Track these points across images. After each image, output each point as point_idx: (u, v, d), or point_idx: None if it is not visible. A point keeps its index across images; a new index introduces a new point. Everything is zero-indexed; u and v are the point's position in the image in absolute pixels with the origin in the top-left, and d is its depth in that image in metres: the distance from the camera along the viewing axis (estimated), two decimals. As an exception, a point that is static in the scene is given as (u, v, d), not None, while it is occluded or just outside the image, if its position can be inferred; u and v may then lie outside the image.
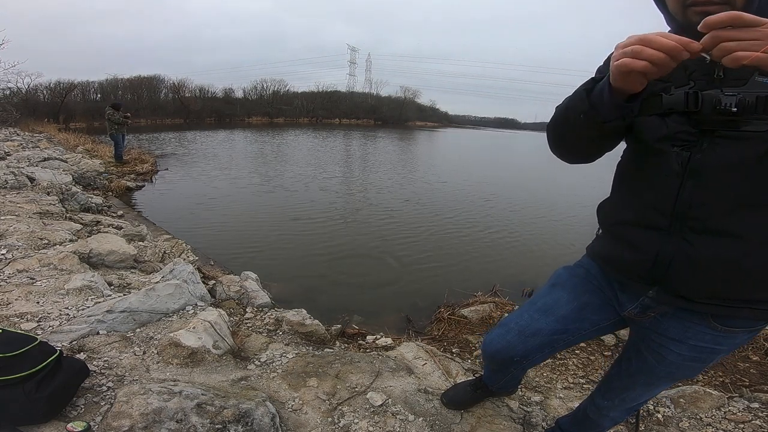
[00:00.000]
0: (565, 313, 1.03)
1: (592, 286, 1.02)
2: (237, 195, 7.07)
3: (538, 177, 12.44)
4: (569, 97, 0.81)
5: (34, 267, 2.32)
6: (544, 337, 1.05)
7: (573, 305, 1.03)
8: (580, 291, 1.03)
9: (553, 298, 1.07)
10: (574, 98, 0.79)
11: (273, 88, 45.79)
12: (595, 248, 1.02)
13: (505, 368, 1.22)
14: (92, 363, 1.56)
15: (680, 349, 0.90)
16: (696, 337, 0.87)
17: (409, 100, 59.39)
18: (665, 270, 0.80)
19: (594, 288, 1.02)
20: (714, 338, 0.86)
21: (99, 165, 7.85)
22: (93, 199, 4.99)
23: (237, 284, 2.68)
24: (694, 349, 0.89)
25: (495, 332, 1.17)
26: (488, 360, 1.23)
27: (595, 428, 1.30)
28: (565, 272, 1.11)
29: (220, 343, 1.82)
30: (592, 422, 1.27)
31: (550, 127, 0.89)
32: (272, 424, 1.38)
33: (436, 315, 2.92)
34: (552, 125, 0.88)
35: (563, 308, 1.04)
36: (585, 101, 0.75)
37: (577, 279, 1.05)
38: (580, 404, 1.39)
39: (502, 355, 1.13)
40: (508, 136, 52.97)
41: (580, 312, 1.02)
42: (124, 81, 34.97)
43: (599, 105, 0.73)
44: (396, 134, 31.25)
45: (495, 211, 6.81)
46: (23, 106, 19.59)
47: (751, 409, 1.82)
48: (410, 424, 1.52)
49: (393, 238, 5.02)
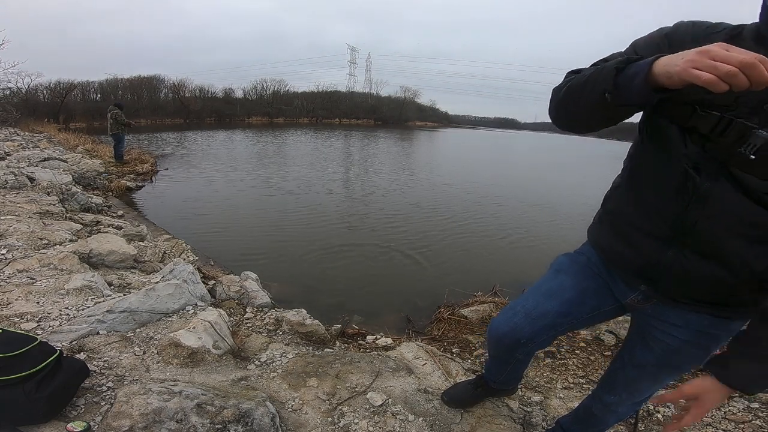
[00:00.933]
0: (568, 296, 1.06)
1: (592, 272, 1.05)
2: (237, 195, 7.07)
3: (538, 177, 12.44)
4: (594, 70, 0.75)
5: (34, 267, 2.32)
6: (549, 319, 1.07)
7: (576, 290, 1.06)
8: (582, 277, 1.07)
9: (558, 282, 1.10)
10: (601, 73, 0.72)
11: (273, 88, 45.78)
12: (595, 236, 1.04)
13: (510, 354, 1.22)
14: (92, 363, 1.56)
15: (683, 334, 0.91)
16: (696, 321, 0.89)
17: (409, 100, 59.38)
18: (660, 274, 0.85)
19: (594, 275, 1.05)
20: (712, 323, 0.88)
21: (99, 165, 7.85)
22: (93, 199, 4.99)
23: (237, 284, 2.68)
24: (696, 334, 0.90)
25: (501, 316, 1.19)
26: (494, 344, 1.23)
27: (599, 426, 1.29)
28: (566, 259, 1.14)
29: (220, 343, 1.82)
30: (596, 420, 1.26)
31: (561, 93, 0.83)
32: (272, 424, 1.38)
33: (436, 315, 2.92)
34: (564, 92, 0.82)
35: (567, 292, 1.07)
36: (610, 80, 0.70)
37: (578, 266, 1.09)
38: (581, 402, 1.38)
39: (510, 337, 1.14)
40: (508, 136, 52.99)
41: (582, 296, 1.05)
42: (124, 81, 34.96)
43: (624, 87, 0.69)
44: (396, 134, 31.23)
45: (494, 211, 6.81)
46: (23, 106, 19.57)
47: (751, 409, 1.82)
48: (410, 424, 1.52)
49: (393, 238, 5.02)
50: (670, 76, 0.61)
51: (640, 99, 0.68)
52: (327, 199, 6.97)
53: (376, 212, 6.28)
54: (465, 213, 6.53)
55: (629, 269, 0.92)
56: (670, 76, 0.61)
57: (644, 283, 0.90)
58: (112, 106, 8.83)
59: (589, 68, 0.80)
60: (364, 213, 6.22)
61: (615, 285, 1.01)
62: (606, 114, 0.76)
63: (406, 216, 6.12)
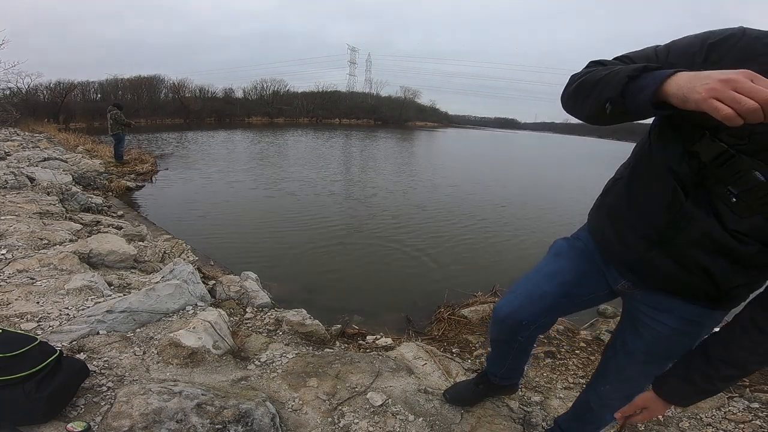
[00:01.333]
0: (567, 278, 1.11)
1: (589, 258, 1.10)
2: (237, 195, 7.07)
3: (537, 177, 12.44)
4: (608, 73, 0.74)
5: (34, 267, 2.32)
6: (549, 300, 1.12)
7: (573, 273, 1.11)
8: (578, 261, 1.12)
9: (557, 265, 1.14)
10: (615, 77, 0.71)
11: (273, 88, 45.73)
12: (594, 223, 1.09)
13: (512, 336, 1.23)
14: (92, 363, 1.56)
15: (671, 321, 0.96)
16: (682, 308, 0.94)
17: (409, 100, 59.35)
18: (642, 269, 0.93)
19: (590, 260, 1.10)
20: (696, 311, 0.93)
21: (99, 165, 7.85)
22: (93, 199, 4.99)
23: (237, 284, 2.68)
24: (682, 321, 0.95)
25: (503, 299, 1.23)
26: (497, 327, 1.26)
27: (596, 422, 1.29)
28: (565, 243, 1.18)
29: (220, 343, 1.82)
30: (593, 415, 1.27)
31: (572, 87, 0.84)
32: (272, 424, 1.38)
33: (436, 315, 2.92)
34: (575, 87, 0.83)
35: (565, 275, 1.11)
36: (619, 87, 0.68)
37: (575, 251, 1.14)
38: (578, 398, 1.39)
39: (512, 318, 1.17)
40: (509, 136, 52.99)
41: (580, 279, 1.10)
42: (124, 81, 34.91)
43: (631, 97, 0.68)
44: (397, 134, 31.23)
45: (494, 211, 6.81)
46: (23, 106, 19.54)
47: (751, 409, 1.82)
48: (410, 424, 1.52)
49: (394, 238, 5.02)
50: (685, 101, 0.58)
51: (639, 111, 0.68)
52: (328, 200, 6.97)
53: (377, 212, 6.27)
54: (466, 214, 6.53)
55: (618, 260, 1.00)
56: (685, 100, 0.57)
57: (631, 272, 0.98)
58: (111, 106, 8.86)
59: (607, 66, 0.79)
60: (364, 213, 6.22)
61: (608, 271, 1.06)
62: (608, 119, 0.76)
63: (407, 216, 6.11)
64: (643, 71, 0.67)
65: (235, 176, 8.74)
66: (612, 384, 1.16)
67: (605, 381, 1.18)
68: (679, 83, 0.59)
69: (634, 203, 0.92)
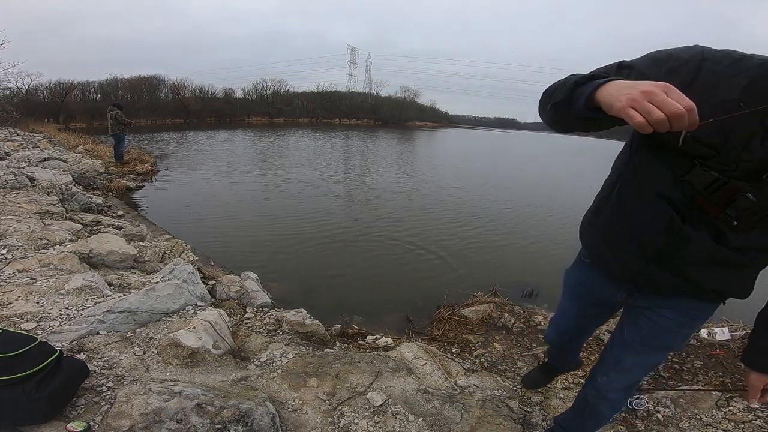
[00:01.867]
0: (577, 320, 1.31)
1: (591, 301, 1.21)
2: (237, 195, 7.07)
3: (537, 177, 12.44)
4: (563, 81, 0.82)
5: (34, 267, 2.32)
6: (570, 333, 1.38)
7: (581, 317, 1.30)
8: (582, 305, 1.26)
9: (567, 306, 1.32)
10: (565, 85, 0.79)
11: (273, 88, 45.65)
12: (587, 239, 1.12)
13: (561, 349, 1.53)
14: (92, 363, 1.56)
15: (673, 314, 1.01)
16: (684, 303, 0.99)
17: (409, 101, 59.29)
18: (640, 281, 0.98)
19: (592, 304, 1.21)
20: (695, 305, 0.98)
21: (99, 165, 7.84)
22: (93, 199, 4.99)
23: (237, 284, 2.68)
24: (683, 314, 1.00)
25: (549, 326, 1.49)
26: (548, 345, 1.60)
27: (595, 417, 1.30)
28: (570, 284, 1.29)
29: (220, 343, 1.82)
30: (591, 409, 1.28)
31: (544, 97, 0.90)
32: (272, 424, 1.38)
33: (436, 315, 2.92)
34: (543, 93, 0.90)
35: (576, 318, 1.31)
36: (567, 93, 0.76)
37: (578, 296, 1.26)
38: (577, 396, 1.40)
39: (554, 343, 1.49)
40: (510, 136, 52.95)
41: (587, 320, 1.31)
42: (124, 81, 34.86)
43: (574, 101, 0.74)
44: (397, 134, 31.22)
45: (494, 212, 6.81)
46: (23, 106, 19.51)
47: (751, 409, 1.81)
48: (410, 424, 1.52)
49: (394, 238, 5.02)
50: (610, 107, 0.63)
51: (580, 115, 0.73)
52: (329, 201, 6.97)
53: (378, 213, 6.28)
54: (464, 213, 6.53)
55: (616, 276, 1.05)
56: (610, 107, 0.63)
57: (630, 284, 1.03)
58: (111, 106, 8.84)
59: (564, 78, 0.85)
60: (365, 214, 6.22)
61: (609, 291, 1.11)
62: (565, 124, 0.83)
63: (408, 217, 6.12)
64: (591, 79, 0.73)
65: (236, 176, 8.73)
66: (609, 375, 1.18)
67: (602, 371, 1.21)
68: (609, 91, 0.65)
69: (626, 227, 0.95)
